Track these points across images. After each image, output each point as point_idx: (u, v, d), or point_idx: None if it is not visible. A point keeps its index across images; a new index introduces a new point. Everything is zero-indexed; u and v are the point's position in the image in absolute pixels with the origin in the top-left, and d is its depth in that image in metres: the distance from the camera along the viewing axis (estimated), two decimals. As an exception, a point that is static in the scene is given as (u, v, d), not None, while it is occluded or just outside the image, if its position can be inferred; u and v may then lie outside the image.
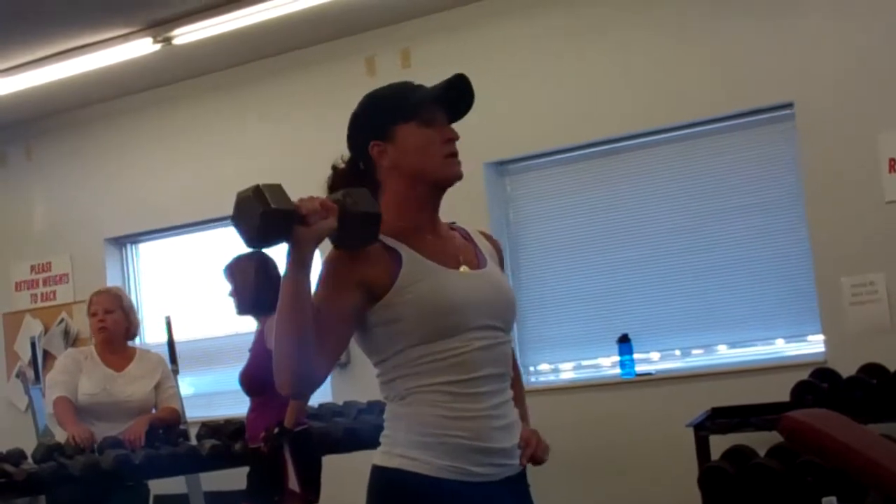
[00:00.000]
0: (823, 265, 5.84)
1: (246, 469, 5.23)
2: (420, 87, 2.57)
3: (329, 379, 6.95)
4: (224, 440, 5.37)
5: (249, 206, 2.29)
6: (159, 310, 7.88)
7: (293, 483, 4.96)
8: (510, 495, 2.53)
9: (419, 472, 2.42)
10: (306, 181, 2.35)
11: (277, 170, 7.41)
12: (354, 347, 2.55)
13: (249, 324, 5.35)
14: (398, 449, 2.46)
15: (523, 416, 2.65)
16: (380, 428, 2.54)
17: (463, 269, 2.53)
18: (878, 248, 5.73)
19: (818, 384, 5.39)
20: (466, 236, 2.65)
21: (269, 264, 5.27)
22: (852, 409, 4.76)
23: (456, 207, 2.71)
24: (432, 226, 2.55)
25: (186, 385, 7.19)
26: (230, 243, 7.15)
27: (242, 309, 5.27)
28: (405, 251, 2.46)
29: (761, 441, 5.37)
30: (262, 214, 2.26)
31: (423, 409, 2.44)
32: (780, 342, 6.14)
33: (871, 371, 5.40)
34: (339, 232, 2.37)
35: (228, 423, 5.50)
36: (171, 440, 5.32)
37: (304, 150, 6.90)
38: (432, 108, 2.53)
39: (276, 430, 4.94)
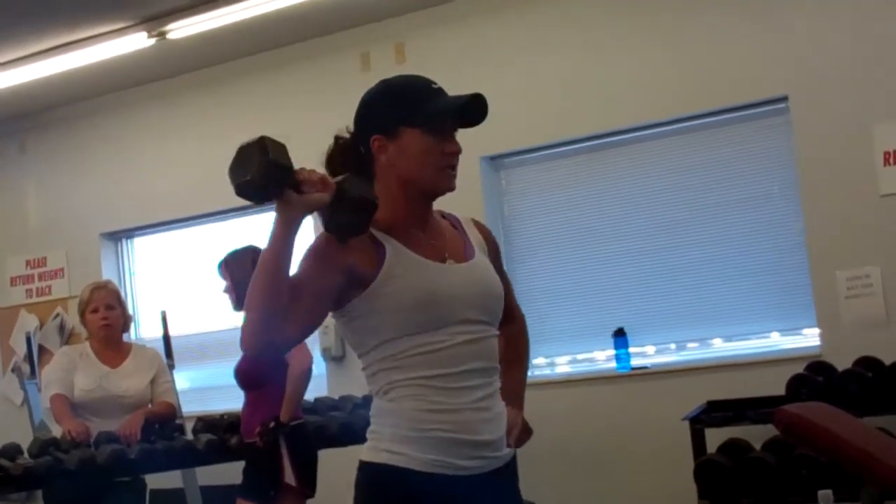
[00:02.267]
0: (819, 258, 5.84)
1: (242, 464, 5.23)
2: (438, 91, 2.53)
3: (325, 373, 7.00)
4: (220, 434, 5.37)
5: (250, 153, 2.27)
6: (155, 305, 7.88)
7: (289, 477, 4.96)
8: (497, 488, 2.53)
9: (405, 466, 2.43)
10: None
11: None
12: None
13: (245, 318, 5.32)
14: (384, 444, 2.46)
15: (514, 394, 2.66)
16: (376, 423, 2.55)
17: (449, 262, 2.53)
18: (873, 241, 5.73)
19: (813, 377, 5.39)
20: (457, 224, 2.66)
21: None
22: (847, 402, 4.76)
23: (451, 201, 2.70)
24: (422, 221, 2.55)
25: (182, 380, 7.17)
26: (226, 238, 7.15)
27: (238, 304, 5.25)
28: (391, 244, 2.47)
29: (757, 434, 5.38)
30: (261, 163, 2.25)
31: (407, 403, 2.44)
32: (775, 335, 6.14)
33: (867, 364, 5.40)
34: (330, 211, 2.36)
35: (224, 417, 5.50)
36: (166, 435, 5.31)
37: (298, 145, 6.87)
38: (443, 118, 2.51)
39: (271, 425, 4.94)
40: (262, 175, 2.26)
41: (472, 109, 2.51)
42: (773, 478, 5.10)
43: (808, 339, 6.00)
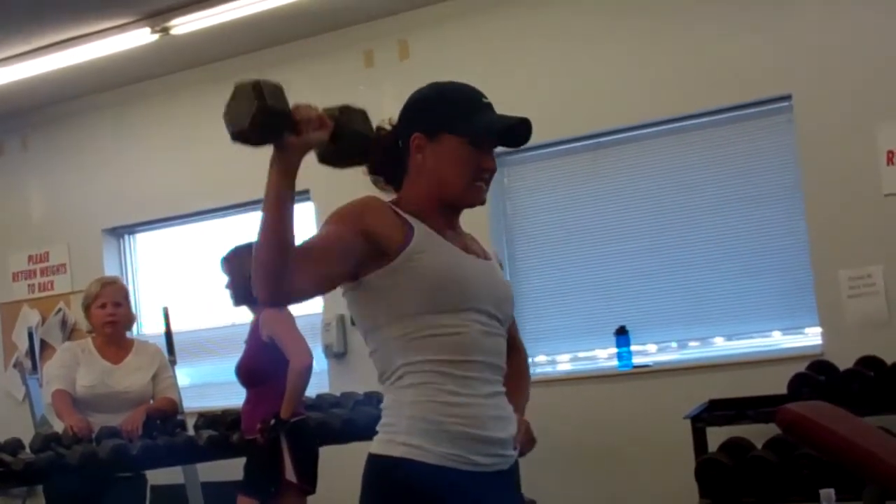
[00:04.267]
0: (821, 258, 5.84)
1: (243, 460, 5.23)
2: (487, 106, 2.57)
3: (327, 370, 7.00)
4: (221, 431, 5.37)
5: (245, 99, 2.17)
6: (157, 300, 7.88)
7: (290, 474, 4.95)
8: (503, 488, 2.54)
9: (423, 460, 2.42)
10: (306, 169, 2.34)
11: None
12: (353, 339, 2.56)
13: (247, 314, 5.34)
14: (401, 437, 2.45)
15: (519, 408, 2.68)
16: (377, 419, 2.54)
17: (472, 256, 2.58)
18: (875, 240, 5.73)
19: (815, 377, 5.39)
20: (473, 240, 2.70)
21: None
22: (849, 401, 4.77)
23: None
24: (447, 221, 2.59)
25: (184, 375, 7.18)
26: (228, 234, 7.16)
27: (238, 300, 5.26)
28: (419, 225, 2.49)
29: (758, 433, 5.37)
30: (257, 110, 2.15)
31: (421, 391, 2.44)
32: (777, 334, 6.14)
33: (869, 364, 5.40)
34: (328, 146, 2.33)
35: (226, 413, 5.50)
36: (168, 430, 5.31)
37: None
38: (489, 134, 2.55)
39: (272, 421, 4.93)
40: (259, 124, 2.17)
41: (519, 132, 2.57)
42: (775, 477, 5.10)
43: (810, 338, 6.00)
